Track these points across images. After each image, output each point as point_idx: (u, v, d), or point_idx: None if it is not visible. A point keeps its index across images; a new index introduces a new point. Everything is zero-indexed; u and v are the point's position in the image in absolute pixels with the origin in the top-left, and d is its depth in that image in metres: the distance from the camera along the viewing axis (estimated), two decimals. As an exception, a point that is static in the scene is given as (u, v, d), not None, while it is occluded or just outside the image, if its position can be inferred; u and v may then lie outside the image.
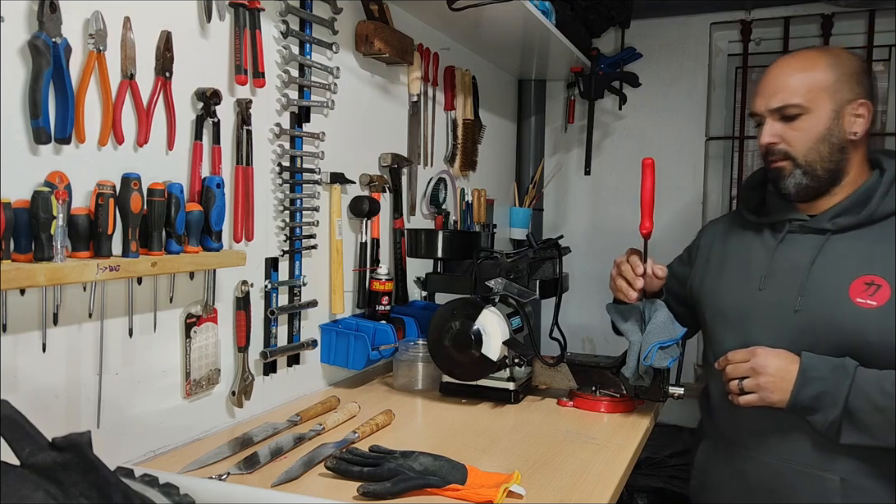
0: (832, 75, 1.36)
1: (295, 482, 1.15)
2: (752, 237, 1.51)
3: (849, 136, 1.37)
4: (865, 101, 1.37)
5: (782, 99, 1.36)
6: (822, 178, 1.38)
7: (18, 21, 0.99)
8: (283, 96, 1.53)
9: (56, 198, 0.99)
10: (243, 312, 1.41)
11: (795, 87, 1.36)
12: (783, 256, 1.42)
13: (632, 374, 1.50)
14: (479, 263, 1.68)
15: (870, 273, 1.32)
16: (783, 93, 1.36)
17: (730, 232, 1.58)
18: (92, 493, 0.69)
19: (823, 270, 1.36)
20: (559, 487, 1.17)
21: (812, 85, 1.35)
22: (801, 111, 1.35)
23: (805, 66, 1.37)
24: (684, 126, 2.78)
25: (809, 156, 1.37)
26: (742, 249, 1.52)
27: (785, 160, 1.39)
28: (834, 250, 1.37)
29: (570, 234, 2.77)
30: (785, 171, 1.39)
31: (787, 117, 1.37)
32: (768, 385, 1.32)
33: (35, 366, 1.04)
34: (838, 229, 1.37)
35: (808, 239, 1.40)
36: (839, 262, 1.35)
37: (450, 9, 1.82)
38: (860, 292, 1.31)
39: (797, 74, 1.36)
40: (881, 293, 1.30)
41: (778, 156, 1.39)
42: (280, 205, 1.53)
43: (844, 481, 1.33)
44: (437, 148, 2.25)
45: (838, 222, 1.38)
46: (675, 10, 2.72)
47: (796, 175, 1.38)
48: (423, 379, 1.73)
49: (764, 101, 1.39)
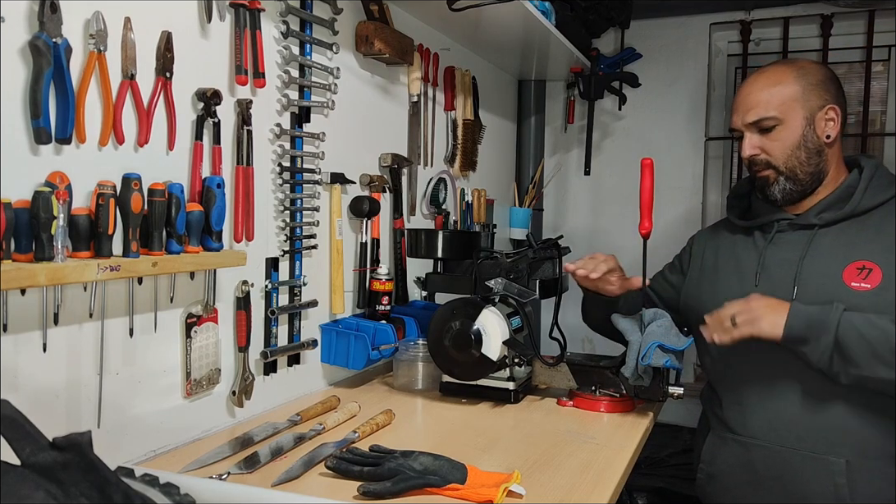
0: (800, 86, 1.45)
1: (295, 482, 1.15)
2: (742, 240, 1.58)
3: (823, 140, 1.46)
4: (834, 105, 1.45)
5: (756, 114, 1.46)
6: (805, 181, 1.47)
7: (19, 21, 0.99)
8: (283, 96, 1.53)
9: (57, 198, 0.99)
10: (244, 312, 1.41)
11: (768, 101, 1.45)
12: (774, 253, 1.49)
13: (631, 373, 1.51)
14: (479, 263, 1.68)
15: (860, 258, 1.39)
16: (757, 108, 1.46)
17: (720, 238, 1.64)
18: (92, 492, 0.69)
19: (815, 261, 1.43)
20: (559, 487, 1.17)
21: (783, 97, 1.45)
22: (776, 122, 1.45)
23: (774, 80, 1.47)
24: (684, 126, 2.79)
25: (789, 162, 1.46)
26: (734, 252, 1.58)
27: (768, 169, 1.48)
28: (823, 242, 1.45)
29: (570, 234, 2.77)
30: (769, 179, 1.48)
31: (764, 129, 1.46)
32: (761, 314, 1.35)
33: (35, 366, 1.04)
34: (824, 224, 1.46)
35: (797, 235, 1.48)
36: (829, 252, 1.43)
37: (450, 9, 1.82)
38: (854, 277, 1.39)
39: (767, 89, 1.46)
40: (873, 276, 1.37)
41: (760, 166, 1.48)
42: (280, 205, 1.53)
43: (850, 463, 1.38)
44: (437, 148, 2.25)
45: (824, 217, 1.46)
46: (674, 10, 2.72)
47: (780, 181, 1.47)
48: (423, 379, 1.74)
49: (740, 116, 1.49)
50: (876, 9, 2.48)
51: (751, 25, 2.66)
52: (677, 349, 1.47)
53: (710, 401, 1.61)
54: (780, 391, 1.44)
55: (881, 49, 2.54)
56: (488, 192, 2.57)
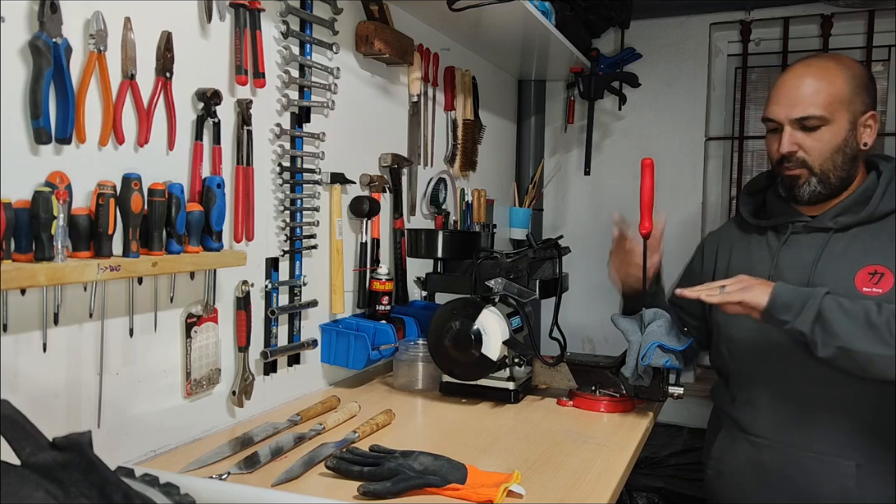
0: (849, 87, 1.39)
1: (295, 482, 1.15)
2: (756, 240, 1.55)
3: (861, 147, 1.42)
4: (874, 111, 1.42)
5: (804, 110, 1.38)
6: (835, 185, 1.43)
7: (19, 21, 0.99)
8: (283, 97, 1.53)
9: (57, 198, 0.99)
10: (244, 312, 1.41)
11: (817, 99, 1.38)
12: (788, 255, 1.47)
13: (631, 373, 1.51)
14: (479, 263, 1.68)
15: (872, 263, 1.37)
16: (804, 103, 1.39)
17: (732, 237, 1.62)
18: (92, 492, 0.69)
19: (828, 265, 1.41)
20: (559, 487, 1.17)
21: (832, 97, 1.38)
22: (822, 122, 1.39)
23: (825, 76, 1.40)
24: (684, 126, 2.78)
25: (825, 165, 1.40)
26: (747, 253, 1.56)
27: (801, 168, 1.42)
28: (837, 247, 1.42)
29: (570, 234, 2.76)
30: (801, 179, 1.42)
31: (808, 128, 1.39)
32: (750, 286, 1.34)
33: (36, 366, 1.04)
34: (840, 228, 1.42)
35: (812, 238, 1.45)
36: (843, 256, 1.40)
37: (450, 9, 1.82)
38: (865, 282, 1.37)
39: (818, 85, 1.39)
40: (885, 281, 1.35)
41: (794, 164, 1.42)
42: (280, 205, 1.53)
43: (860, 467, 1.37)
44: (437, 148, 2.25)
45: (840, 221, 1.42)
46: (674, 10, 2.72)
47: (812, 183, 1.42)
48: (423, 379, 1.74)
49: (784, 110, 1.41)
50: (876, 9, 2.48)
51: (751, 25, 2.66)
52: (677, 349, 1.47)
53: (721, 398, 1.61)
54: (791, 393, 1.44)
55: (881, 49, 2.54)
56: (488, 192, 2.57)
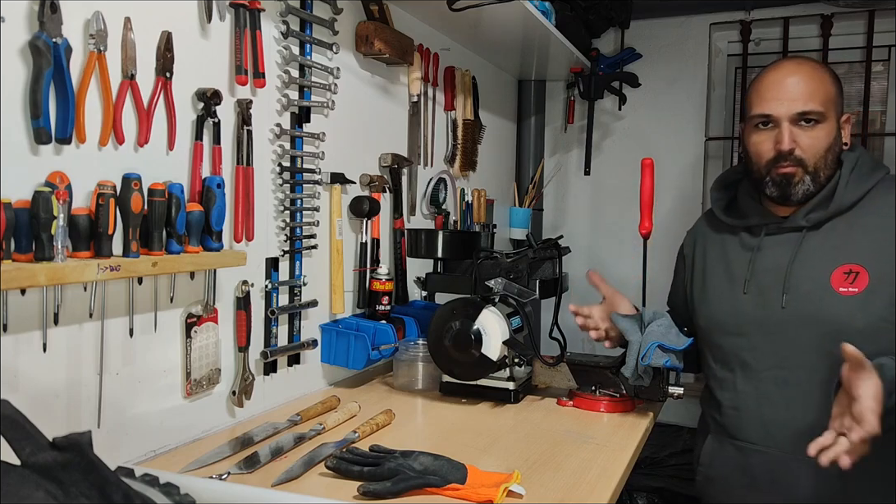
0: (835, 88, 1.42)
1: (295, 482, 1.15)
2: (729, 241, 1.54)
3: (843, 147, 1.44)
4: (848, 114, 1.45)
5: (805, 104, 1.38)
6: (822, 184, 1.43)
7: (19, 21, 0.99)
8: (283, 97, 1.53)
9: (57, 198, 0.99)
10: (244, 312, 1.41)
11: (816, 95, 1.38)
12: (763, 258, 1.46)
13: (631, 373, 1.51)
14: (479, 263, 1.68)
15: (847, 262, 1.37)
16: (804, 98, 1.38)
17: (707, 238, 1.61)
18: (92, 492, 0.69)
19: (804, 266, 1.41)
20: (559, 487, 1.17)
21: (827, 95, 1.40)
22: (820, 118, 1.39)
23: (816, 75, 1.41)
24: (684, 126, 2.78)
25: (818, 163, 1.40)
26: (722, 256, 1.55)
27: (796, 166, 1.40)
28: (811, 246, 1.42)
29: (569, 234, 2.77)
30: (795, 177, 1.41)
31: (807, 123, 1.39)
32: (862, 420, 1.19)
33: (35, 366, 1.04)
34: (812, 225, 1.42)
35: (786, 238, 1.44)
36: (817, 256, 1.40)
37: (450, 9, 1.82)
38: (841, 281, 1.36)
39: (814, 82, 1.39)
40: (860, 280, 1.35)
41: (791, 162, 1.40)
42: (280, 205, 1.53)
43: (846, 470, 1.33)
44: (437, 148, 2.25)
45: (812, 218, 1.42)
46: (674, 10, 2.72)
47: (805, 181, 1.41)
48: (423, 379, 1.74)
49: (784, 105, 1.39)
50: (876, 9, 2.48)
51: (751, 25, 2.66)
52: (677, 349, 1.47)
53: (708, 404, 1.61)
54: (776, 397, 1.44)
55: (881, 49, 2.54)
56: (488, 192, 2.57)
